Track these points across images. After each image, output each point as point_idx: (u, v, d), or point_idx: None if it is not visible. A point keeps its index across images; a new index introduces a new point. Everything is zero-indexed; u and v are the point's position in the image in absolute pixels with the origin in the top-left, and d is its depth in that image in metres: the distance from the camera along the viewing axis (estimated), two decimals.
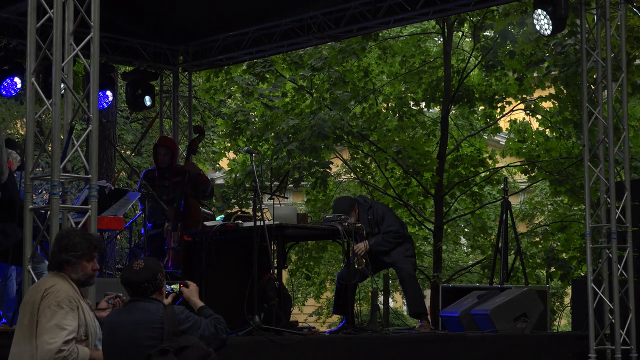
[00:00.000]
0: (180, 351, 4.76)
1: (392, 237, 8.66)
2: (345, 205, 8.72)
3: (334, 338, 7.92)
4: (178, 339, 4.82)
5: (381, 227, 8.67)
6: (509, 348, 8.33)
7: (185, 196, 9.22)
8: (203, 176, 9.55)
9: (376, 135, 14.54)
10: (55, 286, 4.96)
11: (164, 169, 9.45)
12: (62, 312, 4.88)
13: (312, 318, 21.19)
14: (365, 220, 8.64)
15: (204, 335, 4.97)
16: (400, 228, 8.89)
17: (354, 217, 8.58)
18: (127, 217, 12.19)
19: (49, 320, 4.86)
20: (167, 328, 4.83)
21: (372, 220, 8.67)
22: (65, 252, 5.05)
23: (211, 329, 5.04)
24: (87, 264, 5.09)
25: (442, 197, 14.59)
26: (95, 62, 6.12)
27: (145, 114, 18.33)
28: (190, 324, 4.96)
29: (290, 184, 14.31)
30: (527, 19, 11.15)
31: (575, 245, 14.25)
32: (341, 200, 9.10)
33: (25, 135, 6.26)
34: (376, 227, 8.66)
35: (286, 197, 13.47)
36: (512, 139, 15.35)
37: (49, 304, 4.89)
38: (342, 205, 8.79)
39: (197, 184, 9.37)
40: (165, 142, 9.80)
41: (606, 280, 8.63)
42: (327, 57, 13.84)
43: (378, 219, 8.70)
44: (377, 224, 8.68)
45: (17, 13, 9.63)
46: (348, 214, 8.49)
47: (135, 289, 4.96)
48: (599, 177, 8.74)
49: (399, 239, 8.72)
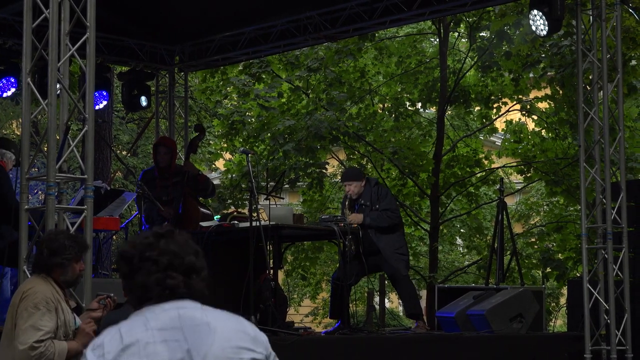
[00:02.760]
0: None
1: (389, 215, 8.75)
2: (355, 173, 9.15)
3: (330, 339, 7.93)
4: None
5: (381, 204, 8.76)
6: (505, 348, 8.34)
7: (184, 196, 9.22)
8: (202, 176, 9.57)
9: (372, 135, 14.54)
10: (33, 288, 4.95)
11: (163, 169, 9.45)
12: (38, 314, 4.87)
13: (308, 319, 21.19)
14: (368, 192, 8.81)
15: None
16: (397, 211, 9.08)
17: (359, 188, 8.79)
18: (123, 218, 12.17)
19: (25, 322, 4.85)
20: None
21: (374, 195, 8.81)
22: (56, 256, 5.04)
23: None
24: (76, 265, 5.10)
25: (438, 197, 14.61)
26: (91, 63, 6.11)
27: (141, 115, 18.33)
28: None
29: (286, 185, 14.31)
30: (523, 19, 11.16)
31: (571, 245, 14.26)
32: (353, 169, 9.48)
33: (21, 135, 6.25)
34: (377, 202, 8.76)
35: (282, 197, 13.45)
36: (508, 139, 15.37)
37: (26, 306, 4.89)
38: (352, 171, 9.33)
39: (196, 184, 9.38)
40: (165, 142, 9.83)
41: (602, 281, 8.63)
42: (323, 58, 13.84)
43: (381, 196, 8.85)
44: (379, 199, 8.80)
45: (12, 13, 9.61)
46: (355, 181, 8.80)
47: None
48: (594, 178, 8.74)
49: (395, 219, 8.82)
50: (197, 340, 2.58)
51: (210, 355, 2.57)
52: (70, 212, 6.34)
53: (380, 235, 8.71)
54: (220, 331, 2.61)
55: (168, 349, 2.55)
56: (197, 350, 2.56)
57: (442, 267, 17.89)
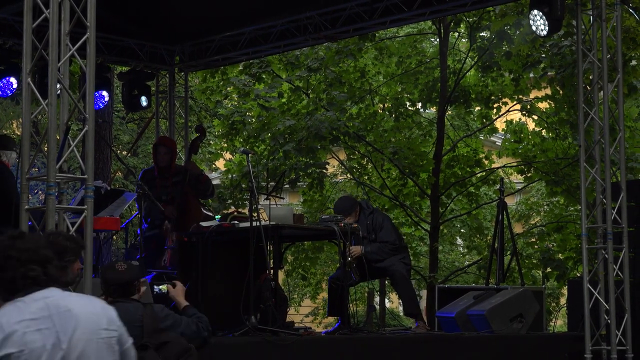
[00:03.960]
0: (160, 346, 4.79)
1: (389, 248, 8.72)
2: (347, 205, 8.85)
3: (330, 339, 7.92)
4: (158, 336, 4.85)
5: (378, 234, 8.71)
6: (505, 348, 8.33)
7: (186, 196, 9.22)
8: (204, 176, 9.58)
9: (372, 135, 14.54)
10: None
11: (163, 169, 9.45)
12: None
13: (309, 319, 21.20)
14: (364, 224, 8.70)
15: (184, 333, 5.02)
16: (397, 240, 8.93)
17: (353, 219, 8.65)
18: (123, 218, 12.17)
19: None
20: (147, 326, 4.86)
21: (370, 225, 8.72)
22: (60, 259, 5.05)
23: (192, 327, 5.09)
24: (75, 265, 5.12)
25: (438, 197, 14.61)
26: (91, 63, 6.11)
27: (142, 115, 18.34)
28: (170, 322, 5.00)
29: (286, 185, 14.32)
30: (524, 19, 11.16)
31: (571, 245, 14.26)
32: (344, 200, 9.23)
33: (21, 135, 6.25)
34: (373, 233, 8.70)
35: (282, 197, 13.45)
36: (509, 139, 15.37)
37: None
38: (343, 204, 8.93)
39: (198, 184, 9.38)
40: (165, 142, 9.84)
41: (602, 281, 8.63)
42: (323, 58, 13.84)
43: (377, 226, 8.75)
44: (375, 230, 8.73)
45: (13, 13, 9.61)
46: (348, 214, 8.58)
47: (121, 290, 4.98)
48: (595, 178, 8.74)
49: (394, 250, 8.78)
50: (64, 325, 3.05)
51: (75, 339, 3.05)
52: (70, 212, 6.33)
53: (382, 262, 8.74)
54: (80, 316, 3.10)
55: (42, 336, 3.00)
56: (64, 335, 3.03)
57: (443, 267, 17.89)
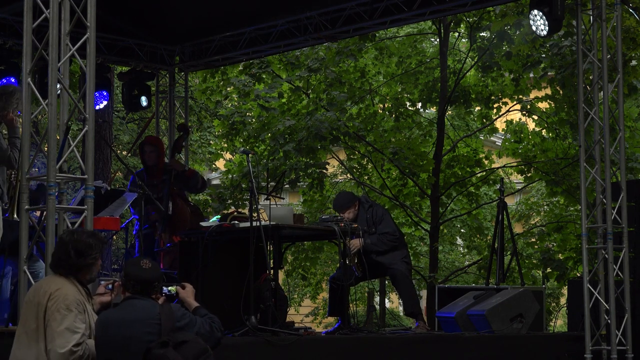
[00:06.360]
0: (179, 345, 4.81)
1: (388, 239, 8.70)
2: (347, 200, 8.93)
3: (330, 339, 7.92)
4: (176, 334, 4.87)
5: (378, 227, 8.72)
6: (505, 348, 8.34)
7: (173, 196, 9.24)
8: (190, 170, 9.61)
9: (372, 135, 14.54)
10: (62, 289, 4.98)
11: (151, 167, 9.49)
12: (72, 315, 4.92)
13: (309, 319, 21.19)
14: (363, 218, 8.72)
15: (199, 333, 5.03)
16: (397, 231, 8.95)
17: (353, 213, 8.68)
18: (123, 218, 12.17)
19: (60, 324, 4.89)
20: (164, 324, 4.88)
21: (370, 219, 8.73)
22: (84, 256, 5.07)
23: (206, 327, 5.11)
24: (98, 262, 5.15)
25: (439, 197, 14.60)
26: (91, 63, 6.11)
27: (142, 115, 18.32)
28: (186, 321, 5.03)
29: (286, 185, 14.31)
30: (524, 19, 11.17)
31: (571, 245, 14.26)
32: (343, 195, 9.30)
33: (21, 135, 6.25)
34: (373, 227, 8.70)
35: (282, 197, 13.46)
36: (509, 139, 15.37)
37: (58, 307, 4.91)
38: (343, 199, 9.01)
39: (185, 180, 9.41)
40: (150, 140, 9.91)
41: (602, 281, 8.63)
42: (323, 58, 13.84)
43: (376, 219, 8.76)
44: (375, 224, 8.73)
45: (13, 13, 9.62)
46: (348, 209, 8.64)
47: (139, 287, 4.99)
48: (595, 178, 8.74)
49: (394, 242, 8.76)
50: None
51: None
52: (70, 212, 6.34)
53: (383, 256, 8.73)
54: None
55: None
56: None
57: (443, 267, 17.89)
